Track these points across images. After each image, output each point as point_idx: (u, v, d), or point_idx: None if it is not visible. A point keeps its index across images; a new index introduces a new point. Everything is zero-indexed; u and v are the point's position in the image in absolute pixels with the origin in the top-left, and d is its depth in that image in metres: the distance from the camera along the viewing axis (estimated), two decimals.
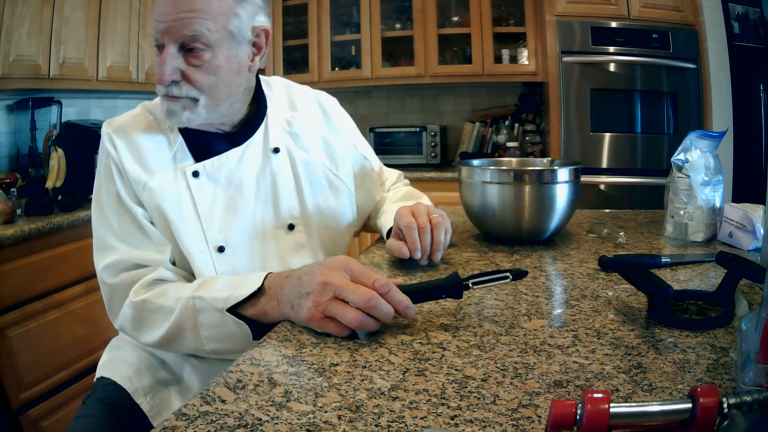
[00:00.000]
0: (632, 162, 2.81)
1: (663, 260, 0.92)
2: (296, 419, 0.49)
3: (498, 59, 3.22)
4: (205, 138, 0.98)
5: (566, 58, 2.81)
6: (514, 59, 3.22)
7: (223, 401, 0.53)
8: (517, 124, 3.40)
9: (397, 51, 3.47)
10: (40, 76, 2.30)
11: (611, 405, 0.38)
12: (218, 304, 0.78)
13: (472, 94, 3.56)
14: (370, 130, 3.40)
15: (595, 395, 0.38)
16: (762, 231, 0.97)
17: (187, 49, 0.88)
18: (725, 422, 0.38)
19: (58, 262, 1.96)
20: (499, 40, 3.22)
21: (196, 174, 0.95)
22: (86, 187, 1.01)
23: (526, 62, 3.16)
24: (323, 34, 3.43)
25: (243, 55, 0.94)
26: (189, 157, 0.96)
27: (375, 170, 1.23)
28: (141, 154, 0.94)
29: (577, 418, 0.38)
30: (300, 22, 3.51)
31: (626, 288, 0.82)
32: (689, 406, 0.38)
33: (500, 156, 3.29)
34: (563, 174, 1.06)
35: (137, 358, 1.00)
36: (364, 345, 0.65)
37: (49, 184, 2.21)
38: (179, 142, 0.96)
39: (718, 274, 0.85)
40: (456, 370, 0.58)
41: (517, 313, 0.73)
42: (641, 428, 0.40)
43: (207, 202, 0.95)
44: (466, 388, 0.54)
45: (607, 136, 2.83)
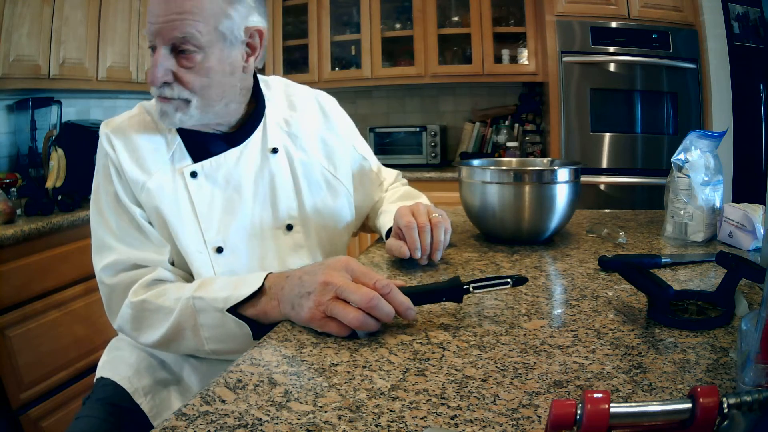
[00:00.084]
0: (632, 162, 2.81)
1: (663, 260, 0.92)
2: (296, 419, 0.49)
3: (498, 59, 3.22)
4: (203, 138, 0.97)
5: (566, 58, 2.81)
6: (514, 59, 3.22)
7: (223, 401, 0.53)
8: (517, 124, 3.40)
9: (397, 51, 3.47)
10: (40, 76, 2.30)
11: (611, 405, 0.38)
12: (218, 304, 0.78)
13: (472, 94, 3.56)
14: (370, 130, 3.40)
15: (595, 395, 0.38)
16: (762, 231, 0.97)
17: (179, 51, 0.88)
18: (725, 422, 0.38)
19: (58, 262, 1.96)
20: (499, 40, 3.22)
21: (194, 174, 0.95)
22: (86, 187, 1.01)
23: (526, 62, 3.16)
24: (323, 34, 3.43)
25: (236, 56, 0.93)
26: (187, 158, 0.96)
27: (373, 170, 1.23)
28: (139, 155, 0.94)
29: (577, 418, 0.38)
30: (300, 22, 3.51)
31: (626, 288, 0.82)
32: (689, 406, 0.38)
33: (500, 156, 3.29)
34: (563, 174, 1.06)
35: (137, 358, 1.00)
36: (364, 345, 0.65)
37: (49, 184, 2.21)
38: (177, 143, 0.96)
39: (718, 274, 0.85)
40: (456, 370, 0.58)
41: (517, 313, 0.73)
42: (641, 428, 0.40)
43: (205, 203, 0.95)
44: (466, 388, 0.54)
45: (607, 136, 2.83)
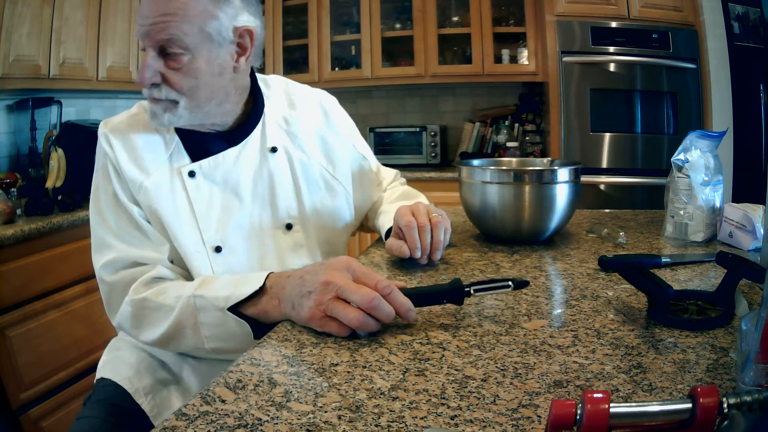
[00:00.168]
0: (632, 162, 2.81)
1: (663, 260, 0.92)
2: (296, 419, 0.49)
3: (498, 59, 3.22)
4: (201, 138, 0.97)
5: (566, 58, 2.81)
6: (514, 59, 3.22)
7: (223, 401, 0.53)
8: (517, 124, 3.40)
9: (397, 51, 3.47)
10: (40, 76, 2.30)
11: (611, 405, 0.38)
12: (219, 303, 0.78)
13: (472, 94, 3.56)
14: (370, 130, 3.40)
15: (595, 395, 0.38)
16: (762, 231, 0.97)
17: (166, 53, 0.88)
18: (725, 422, 0.38)
19: (58, 262, 1.96)
20: (499, 40, 3.22)
21: (192, 174, 0.95)
22: (86, 187, 1.01)
23: (526, 62, 3.16)
24: (323, 34, 3.43)
25: (225, 57, 0.92)
26: (185, 157, 0.96)
27: (373, 170, 1.23)
28: (137, 154, 0.94)
29: (577, 418, 0.38)
30: (300, 22, 3.51)
31: (626, 288, 0.82)
32: (689, 406, 0.38)
33: (500, 156, 3.28)
34: (563, 174, 1.06)
35: (137, 358, 1.00)
36: (364, 345, 0.65)
37: (49, 184, 2.21)
38: (175, 142, 0.96)
39: (718, 274, 0.85)
40: (456, 370, 0.58)
41: (517, 313, 0.73)
42: (641, 428, 0.40)
43: (203, 202, 0.95)
44: (466, 388, 0.54)
45: (607, 136, 2.83)
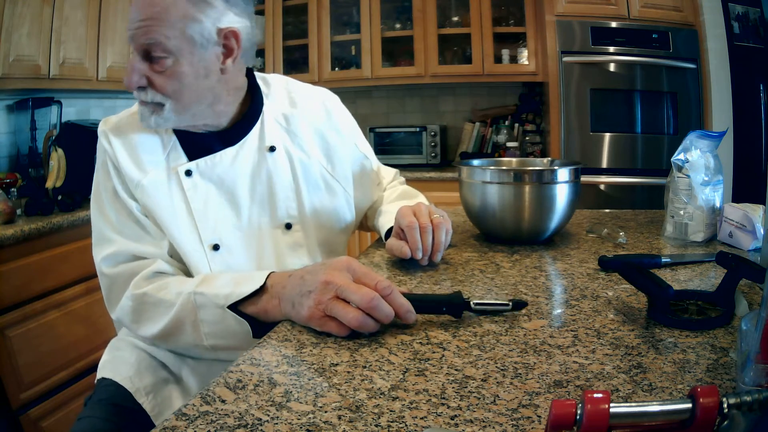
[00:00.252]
0: (632, 162, 2.81)
1: (663, 260, 0.92)
2: (296, 419, 0.49)
3: (498, 59, 3.22)
4: (199, 137, 0.98)
5: (566, 58, 2.81)
6: (514, 59, 3.22)
7: (223, 401, 0.53)
8: (517, 124, 3.40)
9: (397, 51, 3.47)
10: (40, 76, 2.30)
11: (611, 405, 0.38)
12: (219, 301, 0.78)
13: (472, 94, 3.56)
14: (370, 130, 3.40)
15: (595, 395, 0.38)
16: (762, 231, 0.97)
17: (151, 56, 0.88)
18: (725, 422, 0.38)
19: (58, 262, 1.96)
20: (499, 40, 3.22)
21: (188, 173, 0.95)
22: (86, 187, 1.01)
23: (526, 62, 3.16)
24: (323, 34, 3.43)
25: (210, 59, 0.91)
26: (182, 156, 0.96)
27: (374, 169, 1.23)
28: (136, 153, 0.94)
29: (577, 418, 0.38)
30: (300, 22, 3.51)
31: (626, 288, 0.82)
32: (689, 406, 0.38)
33: (500, 156, 3.28)
34: (563, 174, 1.06)
35: (137, 358, 1.00)
36: (364, 345, 0.65)
37: (49, 184, 2.21)
38: (173, 141, 0.97)
39: (718, 274, 0.85)
40: (456, 370, 0.58)
41: (517, 313, 0.73)
42: (641, 428, 0.40)
43: (200, 201, 0.95)
44: (466, 388, 0.54)
45: (607, 136, 2.83)
